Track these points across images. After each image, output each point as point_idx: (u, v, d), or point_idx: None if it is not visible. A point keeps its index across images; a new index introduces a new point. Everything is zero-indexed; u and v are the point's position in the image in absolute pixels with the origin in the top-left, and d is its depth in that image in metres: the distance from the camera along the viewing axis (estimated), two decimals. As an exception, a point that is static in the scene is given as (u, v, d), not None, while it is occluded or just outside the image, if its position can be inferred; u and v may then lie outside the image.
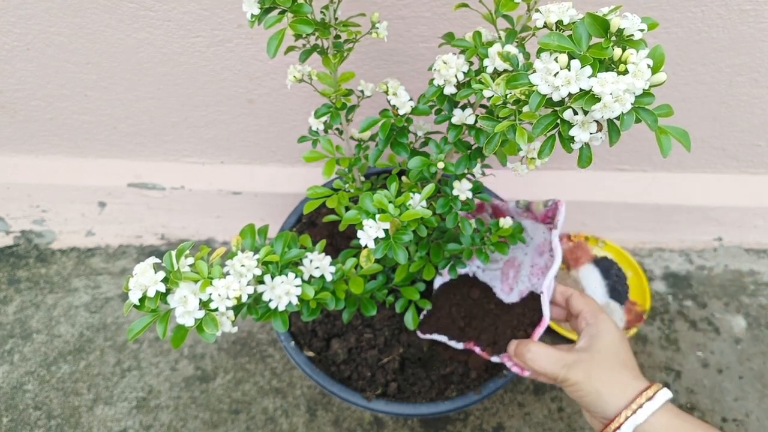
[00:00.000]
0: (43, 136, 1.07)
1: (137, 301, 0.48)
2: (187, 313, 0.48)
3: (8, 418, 0.98)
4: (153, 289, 0.47)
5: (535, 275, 0.79)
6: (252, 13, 0.53)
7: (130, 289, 0.47)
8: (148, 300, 0.47)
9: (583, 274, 1.16)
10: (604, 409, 0.60)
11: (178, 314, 0.48)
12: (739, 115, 1.00)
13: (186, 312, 0.48)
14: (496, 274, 0.84)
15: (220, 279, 0.49)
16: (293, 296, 0.55)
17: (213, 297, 0.48)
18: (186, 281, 0.48)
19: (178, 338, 0.48)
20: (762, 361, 1.07)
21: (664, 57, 0.42)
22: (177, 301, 0.48)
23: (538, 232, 0.82)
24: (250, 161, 1.12)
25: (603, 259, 1.18)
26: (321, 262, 0.59)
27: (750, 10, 0.81)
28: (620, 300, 1.13)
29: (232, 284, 0.49)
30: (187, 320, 0.48)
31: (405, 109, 0.63)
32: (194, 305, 0.48)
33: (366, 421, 0.98)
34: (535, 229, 0.82)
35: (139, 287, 0.47)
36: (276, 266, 0.55)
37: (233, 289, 0.49)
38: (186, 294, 0.48)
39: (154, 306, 0.48)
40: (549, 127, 0.42)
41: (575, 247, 1.19)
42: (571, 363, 0.63)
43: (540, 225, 0.81)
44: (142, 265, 0.48)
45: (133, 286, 0.47)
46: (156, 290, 0.47)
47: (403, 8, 0.81)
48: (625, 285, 1.15)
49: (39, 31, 0.86)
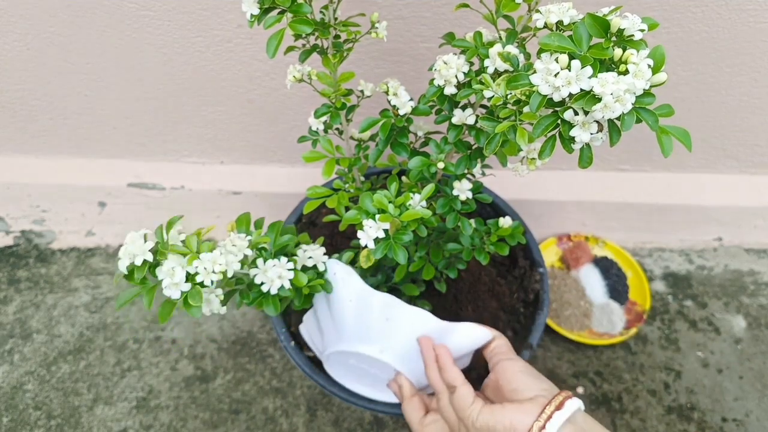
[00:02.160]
0: (43, 136, 1.07)
1: (125, 269, 0.48)
2: (173, 285, 0.48)
3: (8, 418, 0.98)
4: (141, 257, 0.48)
5: None
6: (251, 13, 0.53)
7: (120, 258, 0.48)
8: (137, 270, 0.48)
9: (583, 274, 1.16)
10: None
11: (164, 285, 0.48)
12: (739, 115, 1.00)
13: (172, 284, 0.48)
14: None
15: (207, 253, 0.50)
16: (285, 280, 0.55)
17: (199, 270, 0.49)
18: (174, 253, 0.49)
19: (165, 312, 0.49)
20: (762, 361, 1.07)
21: (665, 57, 0.42)
22: (164, 273, 0.48)
23: None
24: (250, 161, 1.12)
25: (603, 259, 1.18)
26: (314, 252, 0.60)
27: (750, 10, 0.81)
28: (620, 300, 1.13)
29: (218, 259, 0.50)
30: (174, 292, 0.48)
31: (405, 109, 0.63)
32: (181, 277, 0.48)
33: (366, 421, 0.98)
34: None
35: (128, 255, 0.48)
36: (269, 253, 0.56)
37: (219, 264, 0.49)
38: (173, 266, 0.48)
39: (141, 275, 0.48)
40: (549, 128, 0.42)
41: (575, 247, 1.19)
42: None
43: None
44: (132, 234, 0.49)
45: (122, 254, 0.48)
46: (144, 259, 0.48)
47: (403, 8, 0.81)
48: (625, 285, 1.15)
49: (39, 31, 0.86)
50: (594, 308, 1.12)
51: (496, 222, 0.74)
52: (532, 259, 0.91)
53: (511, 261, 0.95)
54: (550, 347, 1.07)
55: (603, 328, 1.09)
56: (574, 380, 1.04)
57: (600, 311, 1.11)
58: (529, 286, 0.90)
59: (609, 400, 1.02)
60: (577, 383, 1.03)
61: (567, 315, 1.10)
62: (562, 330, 1.07)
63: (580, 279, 1.15)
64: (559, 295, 1.13)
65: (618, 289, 1.14)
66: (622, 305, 1.12)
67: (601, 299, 1.13)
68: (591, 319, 1.10)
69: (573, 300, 1.12)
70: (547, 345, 1.08)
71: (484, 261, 0.73)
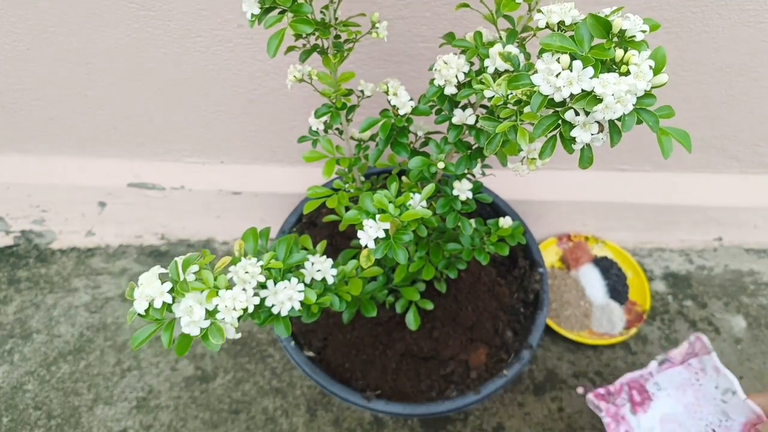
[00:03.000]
0: (43, 136, 1.07)
1: (143, 311, 0.47)
2: (192, 323, 0.47)
3: (8, 418, 0.98)
4: (159, 300, 0.47)
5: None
6: (252, 13, 0.53)
7: (135, 298, 0.47)
8: (154, 310, 0.47)
9: (582, 273, 1.16)
10: None
11: (183, 324, 0.47)
12: (739, 115, 1.00)
13: (191, 322, 0.47)
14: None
15: (227, 290, 0.48)
16: (296, 301, 0.54)
17: (219, 308, 0.48)
18: (192, 291, 0.48)
19: (183, 346, 0.48)
20: (762, 361, 1.07)
21: (666, 58, 0.42)
22: (182, 311, 0.47)
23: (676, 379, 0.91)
24: (250, 161, 1.12)
25: (603, 259, 1.18)
26: (322, 265, 0.59)
27: (750, 10, 0.81)
28: (620, 300, 1.13)
29: (239, 296, 0.49)
30: (193, 330, 0.47)
31: (405, 109, 0.63)
32: (200, 315, 0.47)
33: (366, 421, 0.98)
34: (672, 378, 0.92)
35: (145, 298, 0.47)
36: (279, 272, 0.55)
37: (240, 301, 0.49)
38: (192, 304, 0.47)
39: (159, 316, 0.47)
40: (550, 128, 0.42)
41: (575, 247, 1.19)
42: None
43: (678, 369, 0.91)
44: (147, 276, 0.48)
45: (139, 297, 0.47)
46: (162, 301, 0.47)
47: (403, 8, 0.81)
48: (625, 285, 1.15)
49: (39, 31, 0.86)
50: (594, 308, 1.12)
51: (496, 222, 0.74)
52: (532, 259, 0.91)
53: (511, 261, 0.95)
54: (550, 347, 1.07)
55: (603, 328, 1.09)
56: (574, 380, 1.04)
57: (600, 311, 1.11)
58: (529, 287, 0.90)
59: (609, 400, 1.02)
60: (577, 383, 1.03)
61: (567, 315, 1.10)
62: (562, 330, 1.07)
63: (580, 279, 1.15)
64: (559, 295, 1.13)
65: (618, 289, 1.14)
66: (622, 305, 1.12)
67: (601, 299, 1.13)
68: (591, 319, 1.10)
69: (573, 300, 1.12)
70: (547, 345, 1.08)
71: (484, 261, 0.73)
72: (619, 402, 0.91)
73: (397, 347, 0.87)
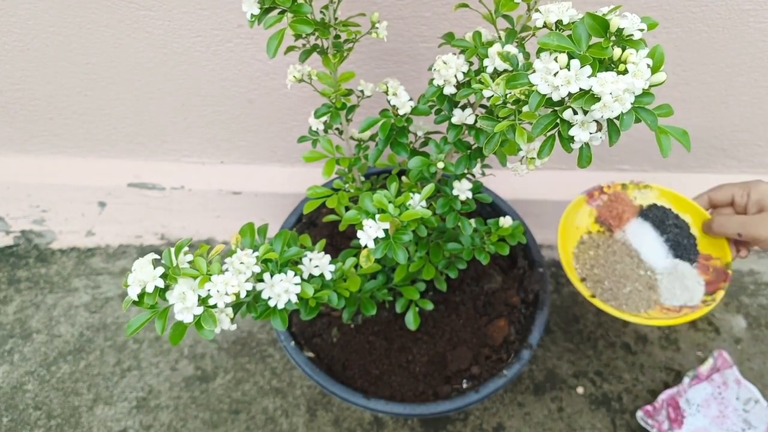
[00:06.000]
0: (43, 136, 1.07)
1: (136, 297, 0.48)
2: (185, 309, 0.48)
3: (8, 418, 0.98)
4: (152, 284, 0.47)
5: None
6: (252, 13, 0.53)
7: (129, 284, 0.47)
8: (147, 296, 0.48)
9: (631, 233, 0.89)
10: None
11: (176, 310, 0.48)
12: (739, 115, 1.00)
13: (185, 308, 0.48)
14: None
15: (219, 275, 0.49)
16: (292, 294, 0.55)
17: (211, 293, 0.48)
18: (184, 277, 0.48)
19: (177, 335, 0.49)
20: (762, 361, 1.07)
21: (664, 57, 0.42)
22: (175, 297, 0.48)
23: (702, 394, 0.95)
24: (250, 161, 1.12)
25: (652, 208, 0.90)
26: (320, 260, 0.59)
27: (750, 10, 0.81)
28: (689, 257, 0.87)
29: (231, 280, 0.49)
30: (186, 316, 0.48)
31: (405, 109, 0.63)
32: (193, 301, 0.48)
33: (366, 421, 0.98)
34: (698, 394, 0.95)
35: (138, 283, 0.47)
36: (275, 264, 0.55)
37: (232, 285, 0.49)
38: (184, 290, 0.48)
39: (152, 302, 0.48)
40: (549, 127, 0.42)
41: (612, 200, 0.91)
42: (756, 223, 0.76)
43: (703, 384, 0.94)
44: (140, 261, 0.48)
45: (132, 282, 0.47)
46: (155, 286, 0.47)
47: (403, 8, 0.81)
48: (690, 235, 0.87)
49: (39, 31, 0.86)
50: (658, 276, 0.87)
51: (497, 222, 0.74)
52: (532, 259, 0.91)
53: (511, 261, 0.95)
54: (550, 347, 1.07)
55: (678, 300, 0.84)
56: (574, 380, 1.04)
57: (667, 278, 0.86)
58: (529, 286, 0.90)
59: (609, 400, 1.02)
60: (577, 383, 1.03)
61: (627, 293, 0.85)
62: (627, 315, 0.80)
63: (629, 241, 0.90)
64: (609, 269, 0.88)
65: (682, 243, 0.87)
66: (694, 264, 0.86)
67: (664, 262, 0.87)
68: (658, 292, 0.85)
69: (629, 271, 0.87)
70: (547, 345, 1.08)
71: (485, 261, 0.73)
72: (660, 419, 0.94)
73: (397, 347, 0.87)
